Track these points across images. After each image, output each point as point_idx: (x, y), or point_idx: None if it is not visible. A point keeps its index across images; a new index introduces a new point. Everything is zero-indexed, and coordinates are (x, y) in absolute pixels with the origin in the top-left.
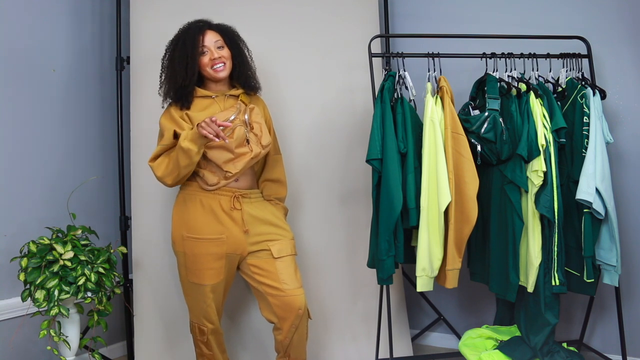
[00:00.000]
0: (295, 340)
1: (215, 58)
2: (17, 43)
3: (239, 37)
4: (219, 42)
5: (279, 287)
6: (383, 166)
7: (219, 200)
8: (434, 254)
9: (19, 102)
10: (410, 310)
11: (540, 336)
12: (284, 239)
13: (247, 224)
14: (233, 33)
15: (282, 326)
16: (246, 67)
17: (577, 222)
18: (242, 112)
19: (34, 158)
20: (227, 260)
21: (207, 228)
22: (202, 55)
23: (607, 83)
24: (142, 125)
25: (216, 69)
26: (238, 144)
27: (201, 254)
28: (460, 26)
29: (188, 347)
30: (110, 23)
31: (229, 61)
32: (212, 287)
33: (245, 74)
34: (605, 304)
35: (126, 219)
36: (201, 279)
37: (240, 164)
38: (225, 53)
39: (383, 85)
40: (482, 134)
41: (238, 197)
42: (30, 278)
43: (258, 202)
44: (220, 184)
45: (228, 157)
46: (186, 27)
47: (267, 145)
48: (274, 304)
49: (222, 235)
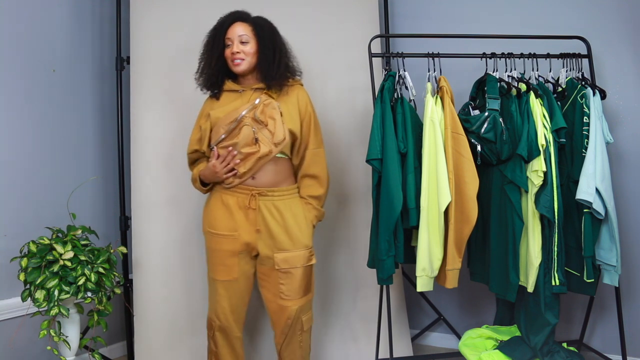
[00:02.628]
0: (287, 348)
1: (234, 52)
2: (17, 43)
3: (272, 32)
4: (245, 36)
5: (274, 296)
6: (383, 166)
7: (237, 197)
8: (434, 254)
9: (19, 102)
10: (410, 310)
11: (540, 336)
12: (293, 250)
13: (260, 224)
14: (264, 27)
15: (275, 329)
16: (269, 63)
17: (577, 222)
18: (255, 108)
19: (34, 158)
20: (241, 260)
21: (222, 224)
22: (227, 47)
23: (607, 83)
24: (142, 125)
25: (235, 63)
26: (245, 143)
27: (215, 249)
28: (460, 26)
29: (188, 347)
30: (110, 23)
31: (250, 56)
32: (223, 284)
33: (264, 70)
34: (605, 304)
35: (126, 219)
36: (214, 273)
37: (249, 163)
38: (248, 48)
39: (383, 85)
40: (482, 134)
41: (255, 195)
42: (30, 278)
43: (282, 200)
44: (234, 182)
45: (237, 156)
46: (222, 17)
47: (280, 143)
48: (267, 307)
49: (234, 232)
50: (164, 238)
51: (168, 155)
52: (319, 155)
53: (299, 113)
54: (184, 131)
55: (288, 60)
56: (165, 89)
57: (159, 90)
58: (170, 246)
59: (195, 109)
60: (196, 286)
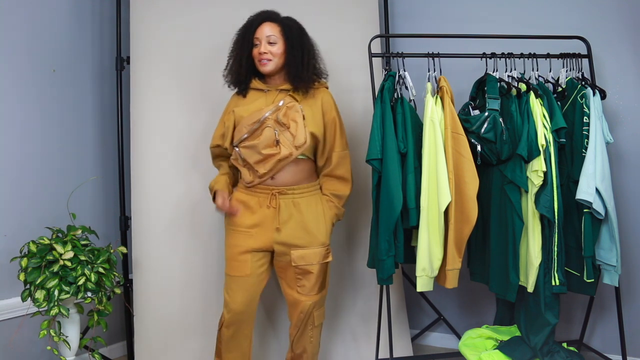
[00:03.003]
0: (298, 340)
1: (262, 52)
2: (17, 43)
3: (300, 33)
4: (273, 37)
5: (290, 289)
6: (383, 166)
7: (258, 197)
8: (434, 254)
9: (19, 102)
10: (410, 310)
11: (540, 336)
12: (311, 247)
13: (280, 222)
14: (293, 28)
15: (291, 319)
16: (298, 65)
17: (577, 222)
18: (278, 110)
19: (34, 158)
20: (255, 257)
21: (240, 220)
22: (255, 47)
23: (607, 83)
24: (142, 125)
25: (262, 63)
26: (266, 144)
27: (230, 245)
28: (460, 26)
29: (188, 347)
30: (110, 23)
31: (278, 57)
32: (236, 280)
33: (293, 71)
34: (605, 304)
35: (126, 219)
36: (228, 268)
37: (269, 165)
38: (276, 48)
39: (383, 85)
40: (482, 134)
41: (276, 194)
42: (30, 278)
43: (303, 198)
44: (254, 182)
45: (257, 157)
46: (252, 16)
47: (301, 146)
48: (285, 297)
49: (251, 230)
50: (164, 238)
51: (168, 155)
52: (346, 157)
53: (323, 117)
54: (184, 131)
55: (316, 62)
56: (166, 88)
57: (159, 90)
58: (170, 246)
59: (196, 108)
60: (196, 286)
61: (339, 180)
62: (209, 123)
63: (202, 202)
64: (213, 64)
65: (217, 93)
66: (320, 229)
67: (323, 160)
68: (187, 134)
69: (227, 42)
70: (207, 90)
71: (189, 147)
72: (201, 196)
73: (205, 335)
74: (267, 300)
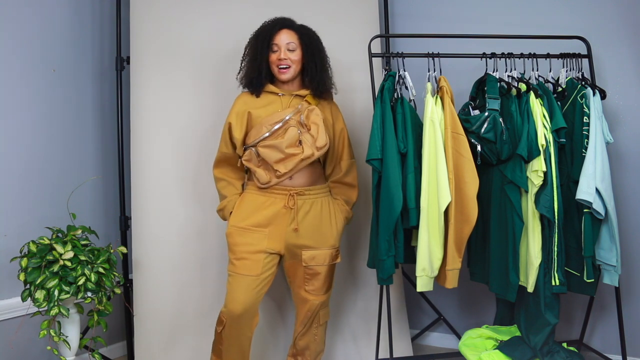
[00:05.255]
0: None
1: (282, 59)
2: (17, 43)
3: (317, 41)
4: (293, 44)
5: (299, 288)
6: (383, 166)
7: (275, 198)
8: (434, 254)
9: (19, 102)
10: (410, 310)
11: (540, 336)
12: (322, 248)
13: (297, 223)
14: (311, 36)
15: (297, 317)
16: (318, 72)
17: (577, 222)
18: (300, 112)
19: (34, 158)
20: (266, 258)
21: (254, 219)
22: (273, 52)
23: (607, 83)
24: (142, 126)
25: (280, 70)
26: (289, 144)
27: (241, 243)
28: (460, 26)
29: (188, 347)
30: (110, 23)
31: (296, 64)
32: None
33: (316, 79)
34: (605, 304)
35: (126, 219)
36: (235, 267)
37: (291, 164)
38: (295, 56)
39: (383, 85)
40: (482, 134)
41: (293, 195)
42: (30, 278)
43: (316, 199)
44: (271, 182)
45: (279, 156)
46: (268, 21)
47: (322, 147)
48: (293, 295)
49: (265, 229)
50: (164, 238)
51: (168, 155)
52: (353, 165)
53: (331, 127)
54: (184, 130)
55: (330, 71)
56: (166, 88)
57: (159, 90)
58: (170, 246)
59: (196, 108)
60: (196, 286)
61: (348, 186)
62: (209, 123)
63: (202, 202)
64: (213, 64)
65: (217, 93)
66: (332, 231)
67: (331, 167)
68: (187, 133)
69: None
70: (207, 90)
71: (189, 147)
72: (201, 196)
73: (205, 335)
74: (268, 300)
